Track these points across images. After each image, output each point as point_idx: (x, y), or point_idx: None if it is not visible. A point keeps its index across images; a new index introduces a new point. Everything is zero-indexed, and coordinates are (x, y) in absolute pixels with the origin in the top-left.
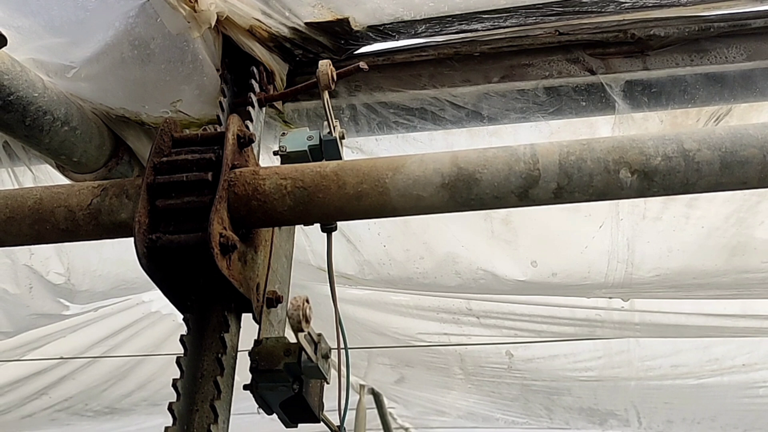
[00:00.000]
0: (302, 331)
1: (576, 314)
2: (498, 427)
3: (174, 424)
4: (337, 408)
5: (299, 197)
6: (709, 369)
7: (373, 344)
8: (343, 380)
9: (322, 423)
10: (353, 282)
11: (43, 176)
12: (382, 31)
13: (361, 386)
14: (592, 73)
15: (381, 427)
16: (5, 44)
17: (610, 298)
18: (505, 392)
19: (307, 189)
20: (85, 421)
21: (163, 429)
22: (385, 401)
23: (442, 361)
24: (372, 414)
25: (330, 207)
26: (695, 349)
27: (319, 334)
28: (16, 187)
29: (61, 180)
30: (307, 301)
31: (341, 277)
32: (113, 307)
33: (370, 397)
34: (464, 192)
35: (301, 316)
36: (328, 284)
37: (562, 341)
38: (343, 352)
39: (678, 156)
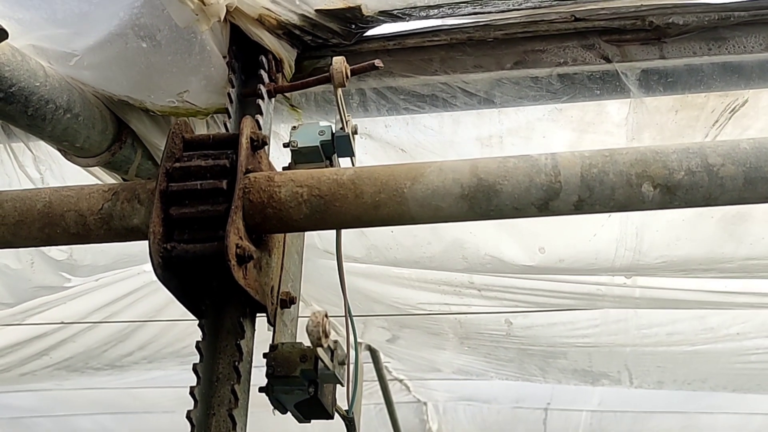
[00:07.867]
0: (321, 346)
1: (578, 289)
2: (490, 378)
3: (192, 430)
4: None
5: (316, 206)
6: (703, 337)
7: (372, 311)
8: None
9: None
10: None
11: (43, 156)
12: (394, 17)
13: (359, 343)
14: (608, 60)
15: (376, 379)
16: (6, 38)
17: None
18: (502, 355)
19: (324, 198)
20: (85, 376)
21: (161, 381)
22: (381, 356)
23: (440, 327)
24: (368, 368)
25: (347, 215)
26: (692, 318)
27: (335, 341)
28: (16, 166)
29: (60, 159)
30: (327, 317)
31: (347, 258)
32: (114, 276)
33: (367, 353)
34: (484, 203)
35: (321, 333)
36: (337, 274)
37: (562, 311)
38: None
39: (702, 171)
